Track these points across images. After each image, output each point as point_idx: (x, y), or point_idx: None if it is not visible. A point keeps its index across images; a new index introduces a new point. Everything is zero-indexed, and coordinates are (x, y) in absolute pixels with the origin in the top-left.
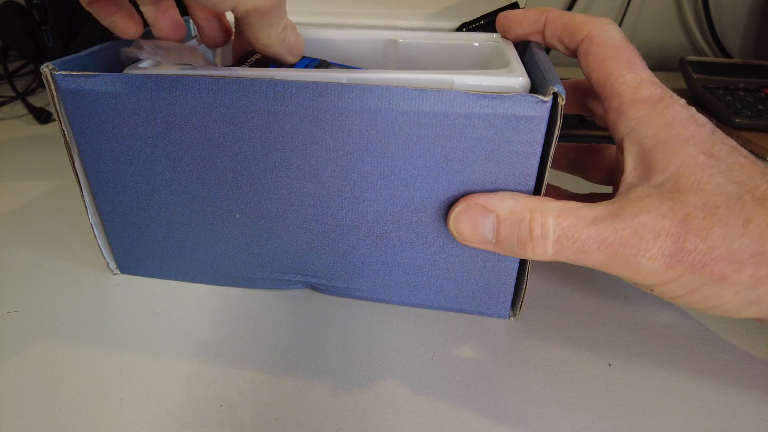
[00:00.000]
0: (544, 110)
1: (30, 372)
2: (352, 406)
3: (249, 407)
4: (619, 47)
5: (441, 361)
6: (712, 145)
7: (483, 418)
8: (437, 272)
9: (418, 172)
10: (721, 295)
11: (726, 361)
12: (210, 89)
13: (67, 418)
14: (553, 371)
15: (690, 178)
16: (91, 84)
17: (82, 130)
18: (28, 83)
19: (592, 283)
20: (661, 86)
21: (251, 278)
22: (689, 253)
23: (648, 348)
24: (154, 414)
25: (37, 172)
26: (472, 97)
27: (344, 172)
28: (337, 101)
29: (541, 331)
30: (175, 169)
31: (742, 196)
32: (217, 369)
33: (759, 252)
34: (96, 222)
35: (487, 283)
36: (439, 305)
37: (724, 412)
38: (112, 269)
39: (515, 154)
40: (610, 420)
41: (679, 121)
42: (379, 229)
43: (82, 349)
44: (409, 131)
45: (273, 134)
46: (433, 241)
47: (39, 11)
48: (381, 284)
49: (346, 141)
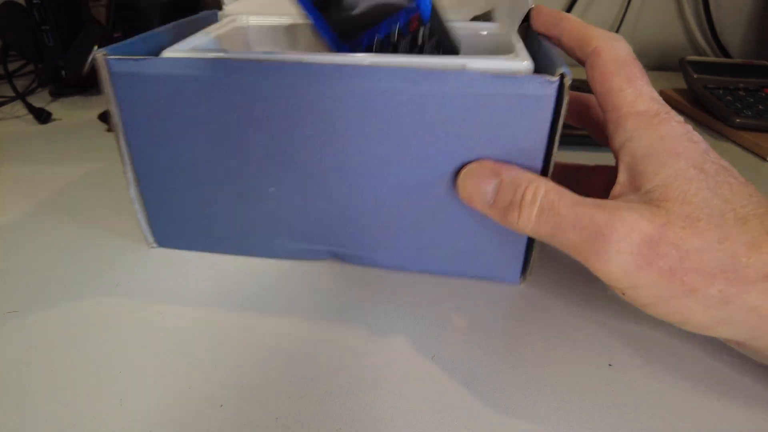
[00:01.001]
0: (552, 89)
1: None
2: (353, 406)
3: (249, 407)
4: (622, 62)
5: (440, 362)
6: (703, 161)
7: (483, 418)
8: (454, 241)
9: (436, 148)
10: (692, 309)
11: (726, 362)
12: (252, 71)
13: (66, 418)
14: (554, 370)
15: (677, 189)
16: (141, 67)
17: (130, 110)
18: (28, 83)
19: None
20: (659, 102)
21: (282, 249)
22: (661, 258)
23: (648, 348)
24: (154, 414)
25: (37, 172)
26: (488, 77)
27: (370, 147)
28: (366, 82)
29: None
30: (215, 146)
31: (725, 213)
32: (217, 368)
33: (730, 269)
34: (136, 197)
35: (500, 251)
36: (454, 272)
37: (724, 413)
38: (150, 242)
39: (526, 130)
40: (610, 420)
41: (673, 137)
42: (401, 201)
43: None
44: (429, 110)
45: (308, 113)
46: (451, 212)
47: (39, 11)
48: (401, 253)
49: (373, 119)
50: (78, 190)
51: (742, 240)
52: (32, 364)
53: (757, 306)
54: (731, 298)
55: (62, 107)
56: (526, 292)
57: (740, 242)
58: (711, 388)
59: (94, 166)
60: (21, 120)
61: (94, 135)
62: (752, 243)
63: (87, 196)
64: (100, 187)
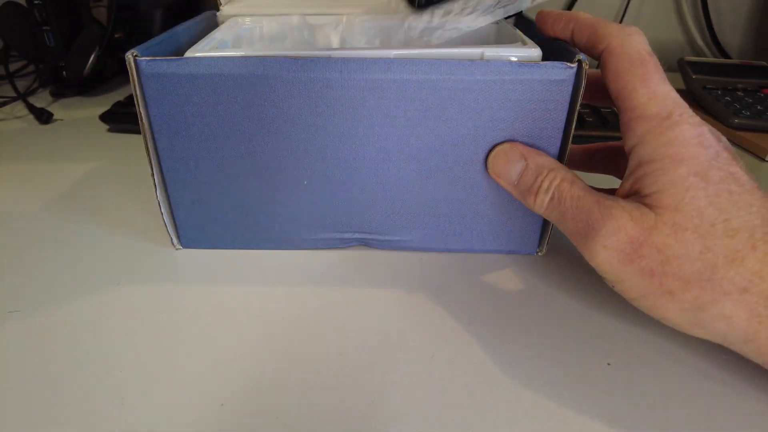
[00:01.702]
0: (571, 74)
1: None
2: (353, 405)
3: (249, 407)
4: (635, 60)
5: (440, 362)
6: (708, 168)
7: (482, 418)
8: (478, 219)
9: (468, 132)
10: (668, 309)
11: (725, 361)
12: (289, 68)
13: (66, 417)
14: (556, 365)
15: (671, 197)
16: (173, 67)
17: (160, 111)
18: (29, 83)
19: (593, 280)
20: (674, 101)
21: (312, 240)
22: (642, 258)
23: (647, 347)
24: (154, 414)
25: (38, 172)
26: (515, 65)
27: (403, 136)
28: (403, 74)
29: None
30: (249, 142)
31: (716, 223)
32: (216, 369)
33: (707, 278)
34: (163, 199)
35: (519, 225)
36: (477, 248)
37: (724, 413)
38: (175, 245)
39: (547, 112)
40: (608, 419)
41: (680, 141)
42: (431, 185)
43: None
44: (462, 97)
45: (343, 107)
46: (477, 192)
47: (40, 12)
48: (429, 235)
49: (407, 108)
50: (79, 190)
51: (722, 253)
52: (32, 364)
53: (729, 315)
54: (705, 306)
55: (63, 107)
56: (526, 291)
57: (721, 255)
58: (711, 389)
59: (97, 166)
60: (22, 120)
61: (96, 135)
62: (733, 257)
63: (88, 196)
64: (104, 186)
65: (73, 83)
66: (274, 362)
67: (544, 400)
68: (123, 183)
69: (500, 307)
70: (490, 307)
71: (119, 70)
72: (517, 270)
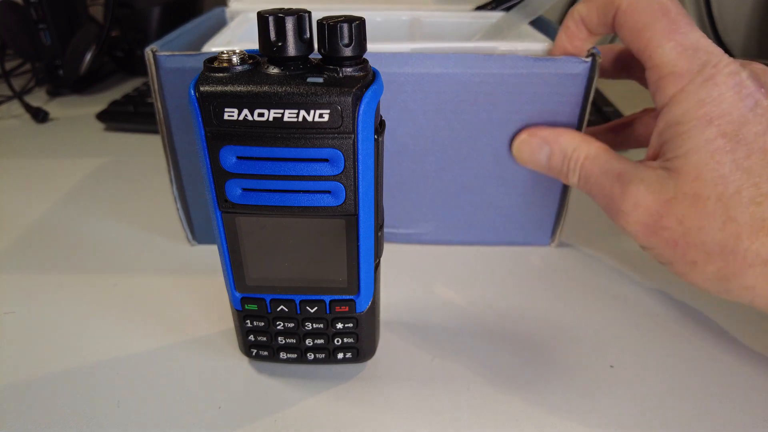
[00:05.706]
0: (585, 68)
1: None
2: (353, 405)
3: (249, 407)
4: (655, 12)
5: (439, 365)
6: (742, 124)
7: (482, 419)
8: (493, 211)
9: (483, 125)
10: (693, 277)
11: (728, 363)
12: None
13: (65, 418)
14: (557, 365)
15: (694, 164)
16: (192, 62)
17: (178, 105)
18: (25, 82)
19: (594, 279)
20: (707, 50)
21: None
22: (664, 230)
23: (650, 349)
24: (153, 414)
25: (34, 171)
26: (530, 59)
27: (420, 129)
28: (420, 67)
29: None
30: None
31: (742, 190)
32: (217, 368)
33: (730, 250)
34: (178, 194)
35: (533, 217)
36: (490, 241)
37: (725, 414)
38: (190, 240)
39: (562, 104)
40: (610, 420)
41: (713, 98)
42: (446, 177)
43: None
44: (478, 90)
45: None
46: (492, 183)
47: (36, 10)
48: (443, 227)
49: (424, 102)
50: (77, 189)
51: (747, 222)
52: (30, 363)
53: (751, 286)
54: (728, 276)
55: (59, 106)
56: (529, 291)
57: (745, 225)
58: (712, 389)
59: (94, 164)
60: (18, 119)
61: (92, 134)
62: (759, 226)
63: (87, 195)
64: (103, 185)
65: (70, 82)
66: (274, 362)
67: (545, 400)
68: (121, 181)
69: (510, 302)
70: (504, 302)
71: (116, 69)
72: (529, 262)
